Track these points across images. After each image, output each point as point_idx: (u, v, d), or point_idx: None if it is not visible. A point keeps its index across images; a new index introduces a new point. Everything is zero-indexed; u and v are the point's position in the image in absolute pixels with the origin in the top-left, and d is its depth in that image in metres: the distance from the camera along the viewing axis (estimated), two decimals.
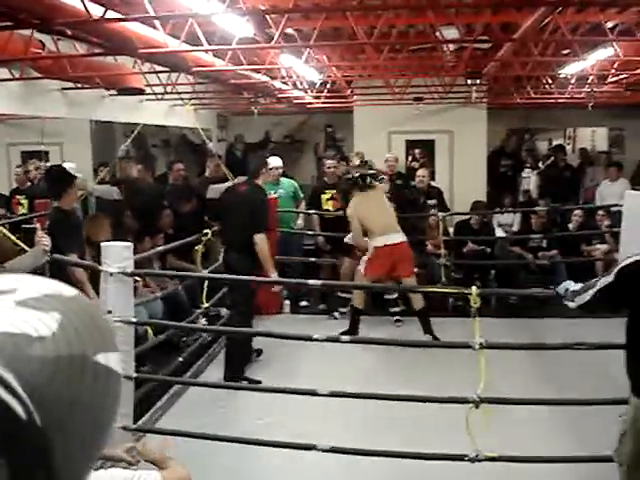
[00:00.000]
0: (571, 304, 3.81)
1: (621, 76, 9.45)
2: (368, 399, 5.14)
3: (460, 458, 4.39)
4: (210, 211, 8.15)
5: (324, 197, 9.63)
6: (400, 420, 5.56)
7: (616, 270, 3.49)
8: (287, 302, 9.36)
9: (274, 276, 6.89)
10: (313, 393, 4.90)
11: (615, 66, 8.74)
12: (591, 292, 3.59)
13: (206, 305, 6.25)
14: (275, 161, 9.00)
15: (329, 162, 9.92)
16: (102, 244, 5.07)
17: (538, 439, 5.34)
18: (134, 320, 5.04)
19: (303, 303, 9.62)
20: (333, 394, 4.85)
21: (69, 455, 0.72)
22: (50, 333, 0.73)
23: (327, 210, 9.62)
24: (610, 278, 3.51)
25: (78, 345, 0.74)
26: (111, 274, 4.81)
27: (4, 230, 5.24)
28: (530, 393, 5.83)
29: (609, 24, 7.36)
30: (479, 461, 4.34)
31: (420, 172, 10.65)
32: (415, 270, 8.20)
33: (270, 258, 6.82)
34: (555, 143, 15.09)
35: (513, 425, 5.45)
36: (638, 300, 3.50)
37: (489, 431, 4.34)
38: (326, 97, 11.56)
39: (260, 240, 6.67)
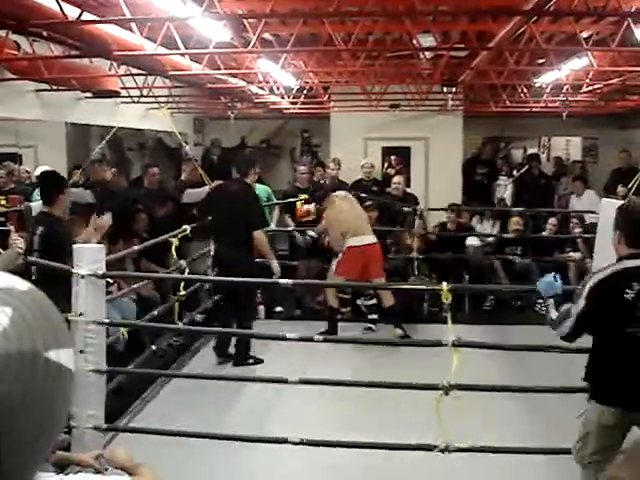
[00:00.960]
0: (555, 332, 3.85)
1: (595, 86, 9.56)
2: (334, 385, 5.21)
3: (430, 448, 4.42)
4: (200, 210, 8.29)
5: (298, 202, 9.65)
6: (369, 410, 5.63)
7: (584, 295, 3.57)
8: (261, 307, 9.32)
9: (275, 265, 7.39)
10: (283, 381, 4.98)
11: (589, 76, 8.83)
12: (569, 324, 3.65)
13: (182, 293, 6.25)
14: None
15: (301, 168, 10.15)
16: (74, 246, 5.04)
17: (509, 429, 5.42)
18: (106, 320, 5.02)
19: (278, 309, 9.60)
20: (302, 381, 4.90)
21: (17, 452, 0.71)
22: (1, 329, 0.71)
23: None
24: (581, 304, 3.59)
25: (29, 341, 0.72)
26: (82, 276, 4.79)
27: None
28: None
29: (584, 34, 7.45)
30: (449, 452, 4.37)
31: (396, 179, 10.71)
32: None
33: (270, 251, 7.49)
34: (530, 151, 15.19)
35: (484, 416, 5.52)
36: (608, 315, 3.57)
37: (460, 422, 4.38)
38: (303, 103, 11.58)
39: (259, 235, 7.22)
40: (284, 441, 4.61)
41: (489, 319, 9.24)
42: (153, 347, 6.79)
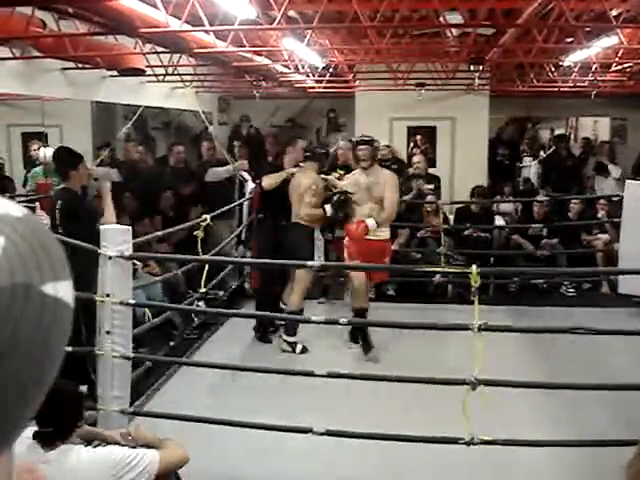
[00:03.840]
0: None
1: (625, 65, 9.41)
2: (361, 379, 5.16)
3: (455, 441, 4.39)
4: None
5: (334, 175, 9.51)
6: (395, 402, 5.58)
7: None
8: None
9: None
10: (310, 374, 4.91)
11: (619, 55, 8.69)
12: None
13: (203, 290, 6.25)
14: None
15: (342, 143, 9.99)
16: (101, 227, 5.06)
17: (535, 423, 5.37)
18: (132, 302, 5.03)
19: None
20: (330, 375, 4.84)
21: (6, 395, 0.66)
22: None
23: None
24: None
25: (23, 273, 0.67)
26: (110, 257, 4.80)
27: None
28: (528, 377, 5.85)
29: (614, 12, 7.31)
30: (474, 444, 4.34)
31: (416, 158, 10.70)
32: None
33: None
34: (557, 132, 15.04)
35: (510, 409, 5.48)
36: None
37: (485, 415, 4.35)
38: (328, 82, 11.50)
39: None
40: (308, 431, 4.57)
41: (514, 301, 9.20)
42: (171, 343, 6.80)
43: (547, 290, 9.85)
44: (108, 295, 4.80)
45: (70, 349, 5.16)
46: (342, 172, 9.39)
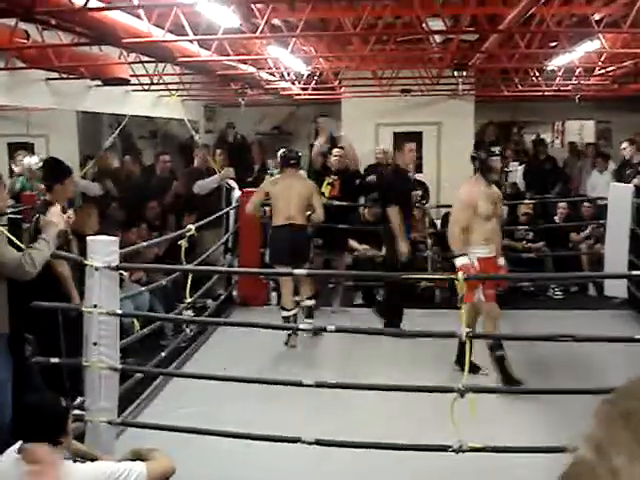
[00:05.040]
0: None
1: (608, 69, 9.48)
2: (350, 389, 5.16)
3: (444, 449, 4.39)
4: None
5: (326, 180, 9.47)
6: (384, 410, 5.58)
7: None
8: (274, 294, 9.32)
9: (403, 246, 7.81)
10: (298, 384, 4.90)
11: (602, 59, 8.75)
12: None
13: (189, 300, 6.25)
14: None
15: (336, 150, 9.77)
16: (88, 239, 5.03)
17: (524, 429, 5.37)
18: (119, 312, 5.01)
19: None
20: (317, 384, 4.84)
21: None
22: None
23: (322, 194, 9.44)
24: None
25: None
26: (96, 268, 4.78)
27: None
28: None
29: (596, 16, 7.37)
30: (463, 452, 4.34)
31: None
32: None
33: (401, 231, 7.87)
34: (543, 136, 15.11)
35: (498, 415, 5.48)
36: None
37: (474, 422, 4.35)
38: (313, 89, 11.53)
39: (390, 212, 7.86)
40: (297, 440, 4.56)
41: (501, 304, 9.20)
42: (163, 353, 6.76)
43: (535, 293, 9.89)
44: (95, 306, 4.79)
45: (52, 360, 5.20)
46: (335, 177, 9.40)
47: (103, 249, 4.86)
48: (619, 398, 0.74)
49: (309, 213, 8.03)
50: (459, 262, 6.23)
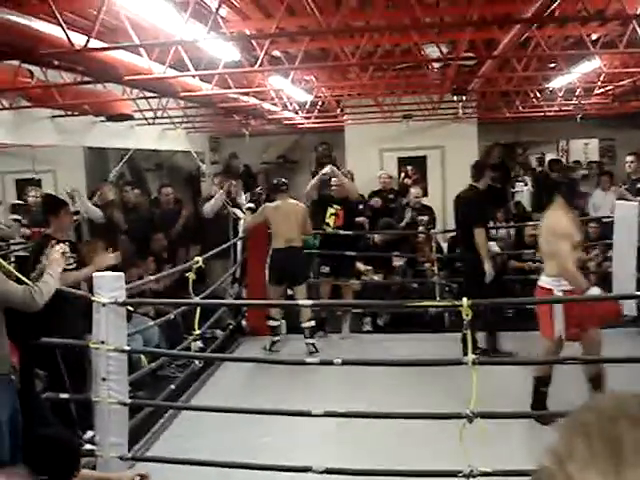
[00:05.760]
0: None
1: (607, 88, 9.52)
2: (359, 417, 5.15)
3: (454, 474, 4.38)
4: None
5: (329, 210, 9.47)
6: (393, 437, 5.56)
7: None
8: (283, 322, 9.33)
9: (487, 267, 7.67)
10: (307, 414, 4.90)
11: (601, 78, 8.80)
12: None
13: (198, 332, 6.28)
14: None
15: (335, 180, 9.50)
16: (94, 275, 5.08)
17: (534, 453, 5.33)
18: (127, 348, 5.04)
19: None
20: (327, 414, 4.85)
21: None
22: None
23: (327, 225, 9.46)
24: None
25: None
26: (103, 304, 4.82)
27: None
28: (525, 407, 5.85)
29: (593, 36, 7.43)
30: (473, 477, 4.33)
31: (414, 191, 10.70)
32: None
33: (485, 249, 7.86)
34: (547, 155, 15.15)
35: (508, 440, 5.46)
36: None
37: (483, 446, 4.34)
38: (316, 117, 11.63)
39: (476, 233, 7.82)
40: (308, 470, 4.57)
41: (511, 325, 9.19)
42: (172, 386, 6.78)
43: None
44: (103, 342, 4.82)
45: (62, 396, 5.23)
46: (339, 207, 9.42)
47: (109, 285, 4.91)
48: (578, 412, 0.80)
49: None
50: (594, 292, 5.59)
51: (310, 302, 6.32)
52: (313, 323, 8.52)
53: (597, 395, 0.87)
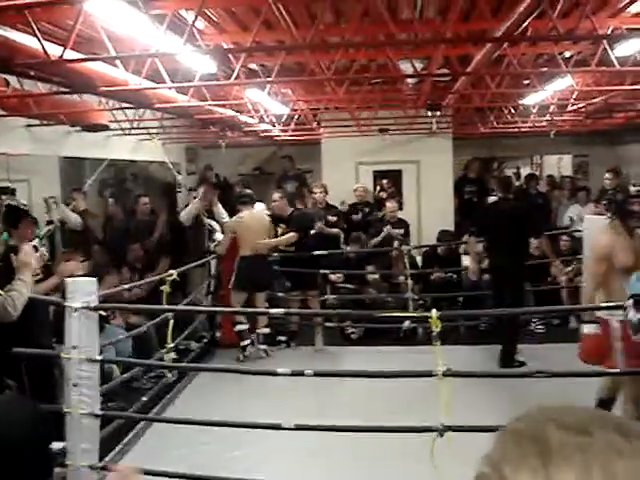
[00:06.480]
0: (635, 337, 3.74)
1: (580, 105, 9.65)
2: (330, 431, 5.16)
3: None
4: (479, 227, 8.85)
5: (278, 230, 9.45)
6: (365, 450, 5.58)
7: None
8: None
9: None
10: (278, 427, 4.90)
11: (574, 96, 8.92)
12: None
13: (171, 345, 6.27)
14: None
15: (275, 195, 9.61)
16: (66, 279, 5.08)
17: None
18: (99, 358, 5.03)
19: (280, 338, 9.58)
20: (298, 427, 4.85)
21: None
22: None
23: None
24: None
25: None
26: (75, 309, 4.82)
27: None
28: (497, 420, 5.89)
29: (567, 54, 7.55)
30: None
31: (390, 205, 10.78)
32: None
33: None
34: (522, 170, 15.33)
35: (479, 453, 5.47)
36: None
37: (454, 460, 4.36)
38: (293, 130, 11.67)
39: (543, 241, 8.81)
40: None
41: (485, 339, 9.25)
42: (144, 398, 6.75)
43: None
44: (75, 347, 4.81)
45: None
46: (284, 226, 9.46)
47: (82, 289, 4.90)
48: (512, 422, 0.87)
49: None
50: (586, 330, 5.29)
51: (282, 310, 6.30)
52: (267, 330, 8.98)
53: (531, 408, 0.94)
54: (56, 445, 5.21)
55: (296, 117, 11.07)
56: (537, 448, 0.80)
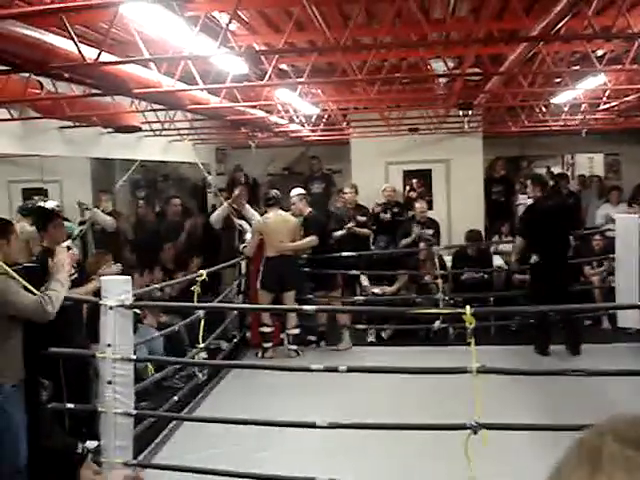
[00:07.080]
0: None
1: (613, 103, 9.55)
2: (362, 429, 5.16)
3: None
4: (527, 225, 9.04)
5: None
6: (397, 449, 5.57)
7: None
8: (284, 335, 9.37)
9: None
10: (312, 425, 4.91)
11: (606, 94, 8.84)
12: None
13: (202, 345, 6.31)
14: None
15: (294, 198, 9.58)
16: (101, 278, 5.14)
17: (540, 465, 5.33)
18: (133, 357, 5.08)
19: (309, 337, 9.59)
20: (331, 425, 4.86)
21: None
22: None
23: None
24: None
25: None
26: (110, 307, 4.87)
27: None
28: (530, 419, 5.86)
29: (599, 52, 7.47)
30: None
31: (419, 205, 10.75)
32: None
33: None
34: (553, 169, 15.18)
35: (512, 452, 5.46)
36: None
37: (487, 458, 4.35)
38: (323, 130, 11.67)
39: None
40: None
41: (515, 340, 9.21)
42: (175, 398, 6.79)
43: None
44: (109, 345, 4.86)
45: (68, 405, 5.26)
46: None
47: (116, 288, 4.95)
48: (583, 433, 0.89)
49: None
50: None
51: (314, 307, 6.32)
52: (297, 331, 9.05)
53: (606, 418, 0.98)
54: (90, 443, 5.29)
55: (326, 117, 11.07)
56: (590, 457, 0.83)
